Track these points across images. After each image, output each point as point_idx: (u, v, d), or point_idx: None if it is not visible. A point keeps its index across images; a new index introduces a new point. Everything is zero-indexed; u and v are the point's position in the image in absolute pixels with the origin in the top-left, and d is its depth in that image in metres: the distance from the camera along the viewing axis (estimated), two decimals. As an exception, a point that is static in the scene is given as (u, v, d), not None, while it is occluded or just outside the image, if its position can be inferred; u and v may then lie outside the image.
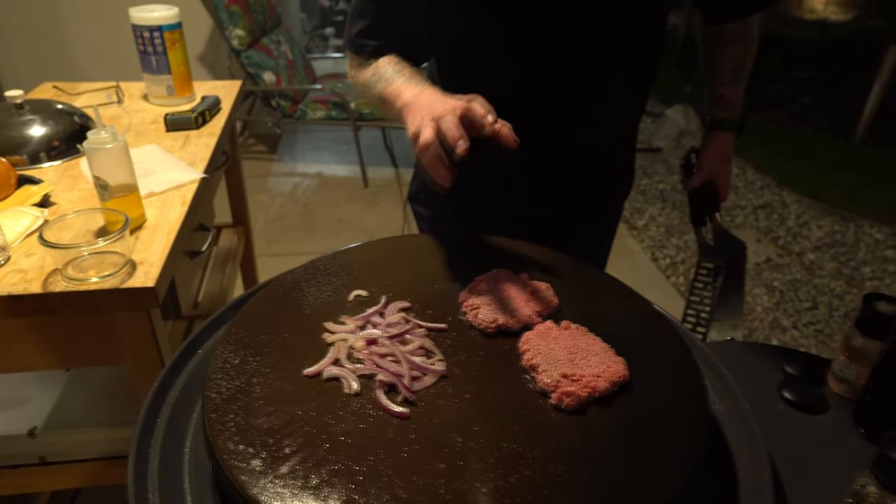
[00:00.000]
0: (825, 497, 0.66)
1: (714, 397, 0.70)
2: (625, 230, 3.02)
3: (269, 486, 0.52)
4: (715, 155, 1.16)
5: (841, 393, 0.79)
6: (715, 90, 1.14)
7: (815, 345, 2.31)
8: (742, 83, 1.13)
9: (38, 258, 0.93)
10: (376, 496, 0.52)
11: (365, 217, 3.11)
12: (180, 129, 1.41)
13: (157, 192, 1.12)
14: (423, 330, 0.70)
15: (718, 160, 1.16)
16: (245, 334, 0.70)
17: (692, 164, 1.20)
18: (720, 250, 1.16)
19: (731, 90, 1.12)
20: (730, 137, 1.15)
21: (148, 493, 0.59)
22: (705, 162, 1.17)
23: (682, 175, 1.22)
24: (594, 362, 0.64)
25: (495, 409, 0.60)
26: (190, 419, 0.68)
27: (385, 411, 0.60)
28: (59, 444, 1.09)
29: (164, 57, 1.50)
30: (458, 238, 0.91)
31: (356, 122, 3.28)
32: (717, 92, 1.13)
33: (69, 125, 1.30)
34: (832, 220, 3.15)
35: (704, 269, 1.19)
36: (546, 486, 0.53)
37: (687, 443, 0.58)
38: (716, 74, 1.13)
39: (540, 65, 0.94)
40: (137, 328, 0.92)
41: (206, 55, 3.52)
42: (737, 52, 1.10)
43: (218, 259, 1.76)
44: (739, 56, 1.10)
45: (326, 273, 0.81)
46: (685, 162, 1.22)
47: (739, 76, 1.12)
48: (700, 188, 1.19)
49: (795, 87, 4.70)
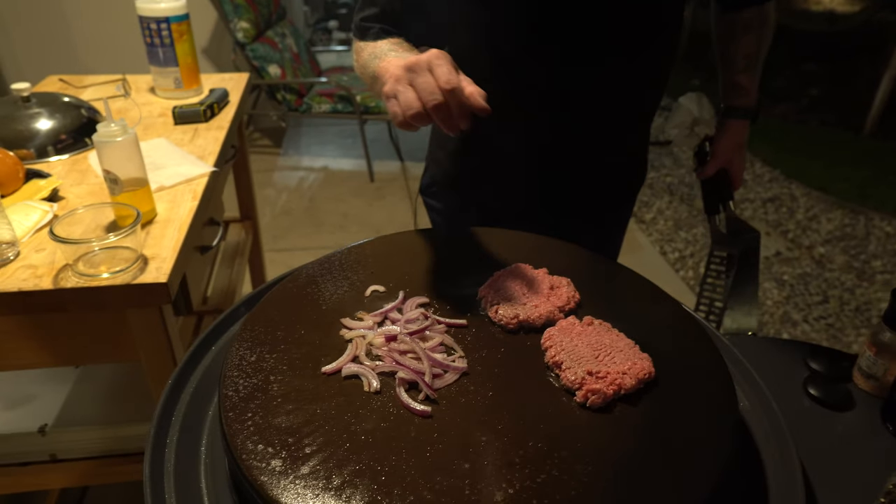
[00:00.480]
0: (855, 496, 0.65)
1: (740, 394, 0.69)
2: (633, 224, 3.00)
3: (290, 487, 0.51)
4: (729, 143, 1.14)
5: (867, 389, 0.77)
6: (730, 78, 1.12)
7: (826, 339, 2.30)
8: (757, 72, 1.11)
9: (48, 253, 0.91)
10: (400, 497, 0.50)
11: (371, 212, 3.10)
12: (189, 123, 1.40)
13: (167, 186, 1.10)
14: (443, 326, 0.68)
15: (733, 149, 1.15)
16: (261, 331, 0.68)
17: (706, 153, 1.18)
18: (733, 239, 1.14)
19: (747, 78, 1.11)
20: (745, 126, 1.14)
21: (164, 494, 0.58)
22: (719, 150, 1.15)
23: (696, 163, 1.20)
24: (619, 359, 0.62)
25: (519, 407, 0.59)
26: (205, 417, 0.67)
27: (407, 409, 0.58)
28: (68, 441, 1.09)
29: (171, 49, 1.49)
30: (474, 232, 0.89)
31: (362, 115, 3.26)
32: (732, 80, 1.12)
33: (77, 118, 1.28)
34: (842, 213, 3.13)
35: (717, 258, 1.17)
36: (574, 487, 0.51)
37: (715, 442, 0.56)
38: (731, 63, 1.12)
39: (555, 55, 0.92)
40: (149, 325, 0.91)
41: (211, 48, 3.50)
42: (752, 40, 1.09)
43: (226, 254, 1.75)
44: (754, 44, 1.09)
45: (342, 268, 0.80)
46: (698, 150, 1.20)
47: (754, 64, 1.11)
48: (713, 177, 1.17)
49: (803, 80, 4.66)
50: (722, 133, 1.15)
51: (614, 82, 0.96)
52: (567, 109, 0.97)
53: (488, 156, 1.05)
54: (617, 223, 1.22)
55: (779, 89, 4.58)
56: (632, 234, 2.91)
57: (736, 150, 1.15)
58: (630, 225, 1.25)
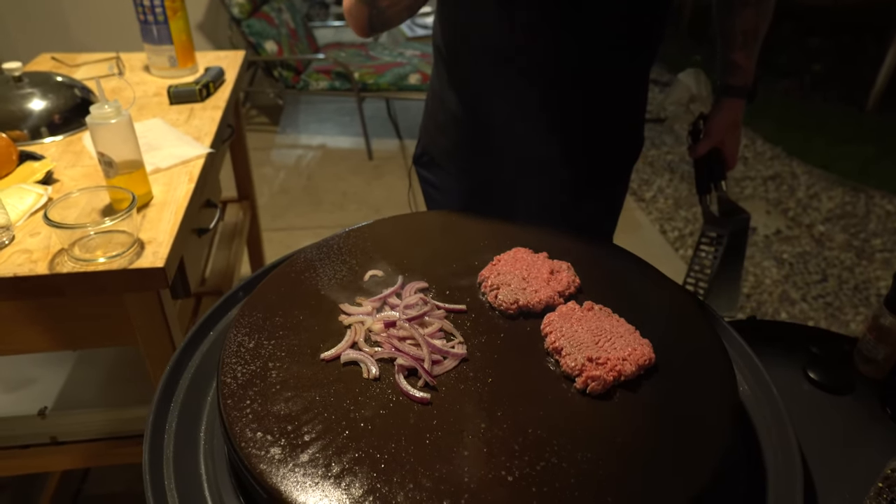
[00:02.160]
0: (854, 480, 0.65)
1: (740, 379, 0.69)
2: (632, 202, 2.99)
3: (289, 475, 0.51)
4: (723, 122, 1.13)
5: (867, 374, 0.77)
6: (726, 55, 1.10)
7: (824, 318, 2.30)
8: (754, 49, 1.09)
9: (43, 238, 0.91)
10: (400, 484, 0.50)
11: (370, 190, 3.08)
12: (184, 102, 1.38)
13: (163, 168, 1.09)
14: (442, 311, 0.68)
15: (726, 128, 1.13)
16: (259, 317, 0.68)
17: (700, 131, 1.16)
18: (723, 220, 1.14)
19: (743, 56, 1.09)
20: (739, 105, 1.12)
21: (164, 480, 0.58)
22: (713, 129, 1.14)
23: (690, 142, 1.19)
24: (620, 345, 0.62)
25: (519, 393, 0.59)
26: (204, 403, 0.66)
27: (406, 396, 0.58)
28: (68, 424, 1.09)
29: (165, 26, 1.46)
30: (474, 216, 0.88)
31: (360, 92, 3.22)
32: (729, 57, 1.10)
33: (70, 98, 1.26)
34: (843, 191, 3.11)
35: (707, 238, 1.17)
36: (573, 475, 0.51)
37: (715, 429, 0.56)
38: (728, 39, 1.10)
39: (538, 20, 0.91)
40: (147, 309, 0.90)
41: (206, 24, 3.44)
42: (750, 15, 1.07)
43: (224, 235, 1.74)
44: (752, 20, 1.07)
45: (340, 252, 0.79)
46: (693, 128, 1.18)
47: (751, 41, 1.08)
48: (706, 156, 1.16)
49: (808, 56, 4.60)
50: (716, 111, 1.13)
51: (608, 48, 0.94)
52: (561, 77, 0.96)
53: (478, 127, 1.04)
54: (612, 199, 1.21)
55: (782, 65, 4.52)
56: (631, 213, 2.90)
57: (729, 130, 1.14)
58: (629, 203, 1.24)
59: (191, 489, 0.57)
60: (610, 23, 0.92)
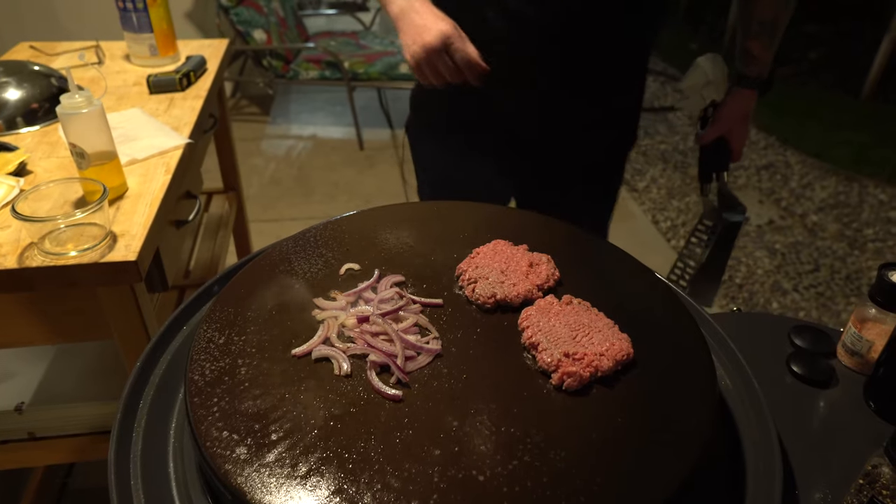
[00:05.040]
0: (835, 475, 0.64)
1: (721, 373, 0.67)
2: (625, 192, 2.97)
3: (254, 476, 0.50)
4: (732, 112, 1.11)
5: (851, 366, 0.76)
6: (742, 43, 1.08)
7: (815, 307, 2.30)
8: (772, 39, 1.07)
9: (13, 231, 0.88)
10: (367, 485, 0.49)
11: (362, 180, 3.05)
12: (164, 92, 1.35)
13: (140, 160, 1.07)
14: (418, 306, 0.66)
15: (735, 118, 1.11)
16: (230, 311, 0.66)
17: (709, 118, 1.15)
18: (720, 211, 1.13)
19: (759, 45, 1.07)
20: (751, 96, 1.10)
21: (130, 479, 0.56)
22: (722, 117, 1.12)
23: (699, 128, 1.17)
24: (597, 340, 0.61)
25: (493, 390, 0.57)
26: (174, 400, 0.65)
27: (377, 394, 0.57)
28: (47, 419, 1.07)
29: (145, 14, 1.43)
30: (454, 206, 0.87)
31: (350, 81, 3.19)
32: (745, 45, 1.08)
33: (46, 88, 1.24)
34: (836, 180, 3.10)
35: (703, 227, 1.16)
36: (546, 474, 0.50)
37: (694, 424, 0.55)
38: (745, 27, 1.08)
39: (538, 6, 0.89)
40: (121, 303, 0.89)
41: (195, 12, 3.40)
42: (768, 4, 1.04)
43: (209, 226, 1.72)
44: (770, 9, 1.05)
45: (317, 245, 0.77)
46: (703, 115, 1.17)
47: (769, 31, 1.06)
48: (712, 144, 1.14)
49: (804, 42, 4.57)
50: (728, 100, 1.11)
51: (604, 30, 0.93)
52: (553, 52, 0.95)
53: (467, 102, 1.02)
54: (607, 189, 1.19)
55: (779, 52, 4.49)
56: (624, 203, 2.88)
57: (739, 120, 1.12)
58: (622, 193, 1.24)
59: (159, 489, 0.56)
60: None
